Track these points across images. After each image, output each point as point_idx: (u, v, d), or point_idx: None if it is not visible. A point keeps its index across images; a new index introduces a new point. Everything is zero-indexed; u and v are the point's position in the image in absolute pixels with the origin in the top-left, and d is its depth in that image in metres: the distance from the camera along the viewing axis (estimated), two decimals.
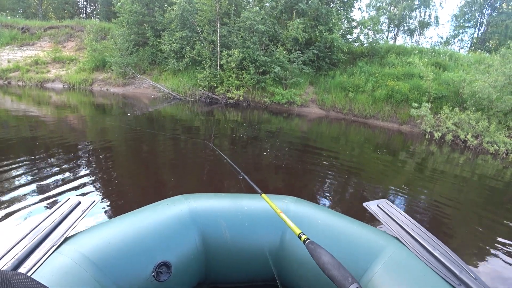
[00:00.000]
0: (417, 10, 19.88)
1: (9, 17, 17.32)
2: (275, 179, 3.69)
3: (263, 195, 1.05)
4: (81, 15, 22.53)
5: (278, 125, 7.87)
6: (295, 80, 10.17)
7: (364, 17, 17.89)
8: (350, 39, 12.65)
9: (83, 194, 2.71)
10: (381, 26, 16.70)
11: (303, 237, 0.62)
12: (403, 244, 1.00)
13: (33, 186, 2.75)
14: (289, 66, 10.10)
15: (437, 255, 0.92)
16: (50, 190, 2.68)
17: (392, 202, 1.38)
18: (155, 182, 3.24)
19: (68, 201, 1.11)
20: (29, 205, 2.39)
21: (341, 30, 11.59)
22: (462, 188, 4.18)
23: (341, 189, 3.63)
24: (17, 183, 2.79)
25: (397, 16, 19.44)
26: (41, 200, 2.49)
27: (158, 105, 9.41)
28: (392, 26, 20.03)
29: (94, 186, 2.90)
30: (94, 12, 23.31)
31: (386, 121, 9.34)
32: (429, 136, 7.44)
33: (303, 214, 1.16)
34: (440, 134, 7.23)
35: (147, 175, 3.45)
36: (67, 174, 3.11)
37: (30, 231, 0.91)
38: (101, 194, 2.76)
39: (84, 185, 2.88)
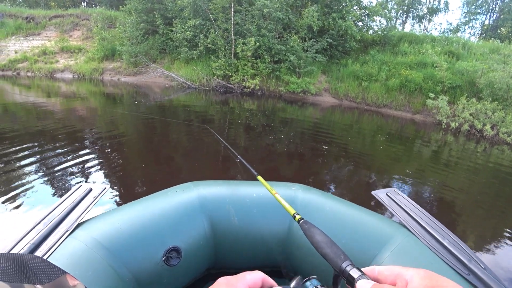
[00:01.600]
0: None
1: (10, 7, 16.96)
2: (286, 166, 3.76)
3: (259, 177, 1.04)
4: (83, 3, 22.06)
5: (292, 114, 7.91)
6: (308, 69, 10.12)
7: (371, 2, 17.55)
8: (361, 26, 12.47)
9: (94, 182, 2.79)
10: (390, 12, 16.38)
11: (297, 217, 0.62)
12: (412, 232, 0.99)
13: (46, 174, 2.83)
14: (303, 54, 10.02)
15: (446, 244, 0.91)
16: (62, 178, 2.77)
17: (402, 190, 1.43)
18: (163, 169, 3.30)
19: (80, 188, 1.13)
20: (42, 193, 2.47)
21: (354, 18, 11.42)
22: (474, 178, 4.20)
23: (351, 177, 3.67)
24: (30, 171, 2.87)
25: (406, 2, 19.05)
26: (53, 187, 2.58)
27: (172, 94, 9.40)
28: (401, 12, 19.66)
29: (105, 174, 2.98)
30: (96, 0, 22.79)
31: (400, 110, 9.36)
32: (445, 126, 7.49)
33: (311, 202, 1.16)
34: (456, 124, 7.29)
35: (155, 162, 3.52)
36: (78, 162, 3.18)
37: (45, 217, 0.93)
38: (111, 181, 2.84)
39: (95, 172, 2.96)
